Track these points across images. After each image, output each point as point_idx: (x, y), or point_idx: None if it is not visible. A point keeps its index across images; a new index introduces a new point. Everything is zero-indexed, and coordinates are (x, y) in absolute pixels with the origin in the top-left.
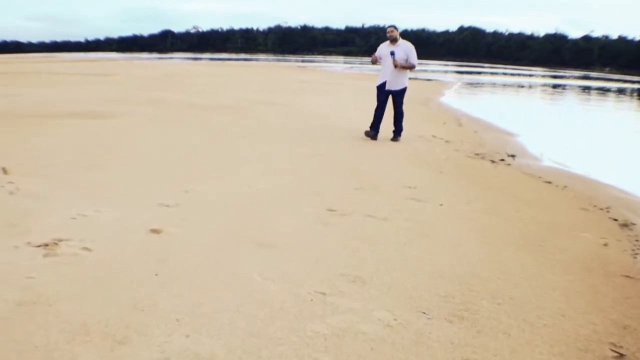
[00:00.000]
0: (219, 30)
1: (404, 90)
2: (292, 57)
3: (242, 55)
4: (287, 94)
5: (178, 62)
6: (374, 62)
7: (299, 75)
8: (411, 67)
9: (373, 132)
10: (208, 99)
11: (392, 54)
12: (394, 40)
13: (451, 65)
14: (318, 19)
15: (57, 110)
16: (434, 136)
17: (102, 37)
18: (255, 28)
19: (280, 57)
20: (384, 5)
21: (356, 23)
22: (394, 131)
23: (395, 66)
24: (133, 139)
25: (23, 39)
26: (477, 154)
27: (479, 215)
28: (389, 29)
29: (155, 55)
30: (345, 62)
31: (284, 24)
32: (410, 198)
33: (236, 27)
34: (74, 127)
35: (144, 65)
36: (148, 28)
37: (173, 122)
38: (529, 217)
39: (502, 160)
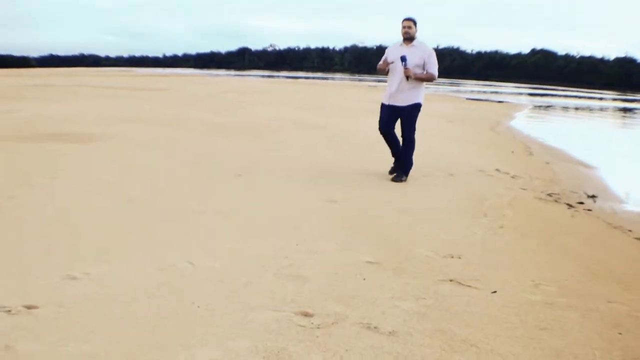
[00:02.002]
0: (296, 48)
1: (415, 109)
2: (367, 77)
3: (318, 74)
4: (338, 115)
5: (250, 79)
6: (383, 69)
7: (366, 95)
8: (429, 79)
9: (400, 173)
10: (239, 118)
11: (403, 59)
12: (408, 40)
13: (523, 88)
14: (393, 39)
15: (40, 131)
16: (497, 170)
17: (180, 53)
18: (331, 47)
19: (355, 77)
20: (457, 26)
21: (430, 44)
22: (398, 165)
23: (408, 78)
24: (76, 174)
25: (101, 52)
26: (549, 195)
27: (553, 313)
28: (404, 24)
29: (231, 72)
30: None
31: (360, 44)
32: (448, 279)
33: (312, 46)
34: (29, 153)
35: (209, 82)
36: (226, 45)
37: (162, 149)
38: (626, 313)
39: (581, 203)
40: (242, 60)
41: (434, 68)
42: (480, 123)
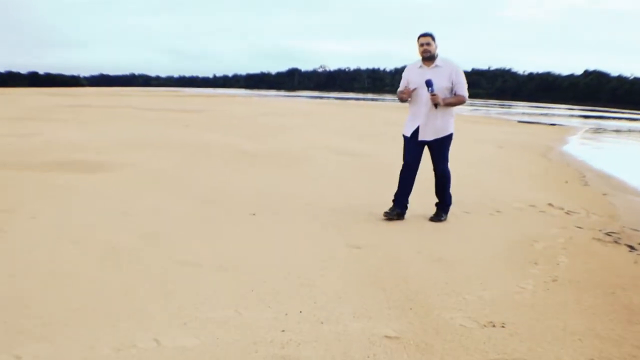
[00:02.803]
0: (346, 69)
1: (448, 140)
2: None
3: (369, 95)
4: (380, 141)
5: (296, 100)
6: (405, 98)
7: None
8: (460, 102)
9: (396, 209)
10: (270, 144)
11: (429, 84)
12: (429, 60)
13: (576, 110)
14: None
15: (48, 158)
16: (550, 204)
17: (230, 74)
18: (382, 68)
19: None
20: (509, 47)
21: (482, 65)
22: (437, 205)
23: (436, 105)
24: (62, 213)
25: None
26: (608, 234)
27: None
28: (421, 40)
29: (280, 93)
30: (470, 105)
31: None
32: None
33: (363, 67)
34: (23, 184)
35: (252, 102)
36: (276, 66)
37: (173, 181)
38: None
39: None
40: (292, 81)
41: (463, 88)
42: (532, 148)
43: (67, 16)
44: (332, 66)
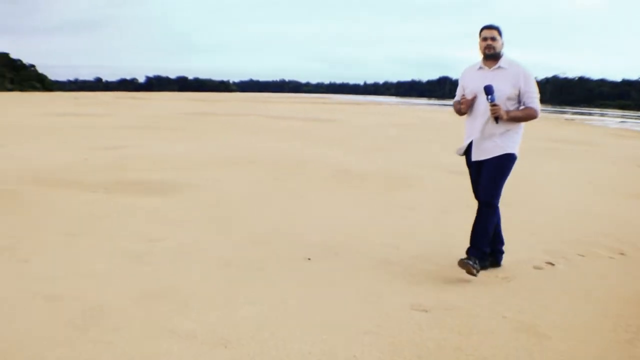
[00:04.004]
0: None
1: (505, 161)
2: (569, 109)
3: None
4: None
5: (443, 109)
6: (464, 109)
7: (555, 131)
8: (529, 117)
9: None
10: (375, 163)
11: (489, 91)
12: (491, 59)
13: None
14: (595, 71)
15: (119, 175)
16: None
17: (381, 81)
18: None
19: (556, 109)
20: None
21: (632, 76)
22: (469, 250)
23: (497, 118)
24: (70, 252)
25: (302, 79)
26: None
27: None
28: (484, 34)
29: (431, 101)
30: (621, 116)
31: (562, 75)
32: None
33: None
34: (70, 207)
35: (392, 112)
36: (427, 74)
37: (235, 210)
38: None
39: None
40: (442, 89)
41: (534, 100)
42: (625, 160)
43: (217, 22)
44: None
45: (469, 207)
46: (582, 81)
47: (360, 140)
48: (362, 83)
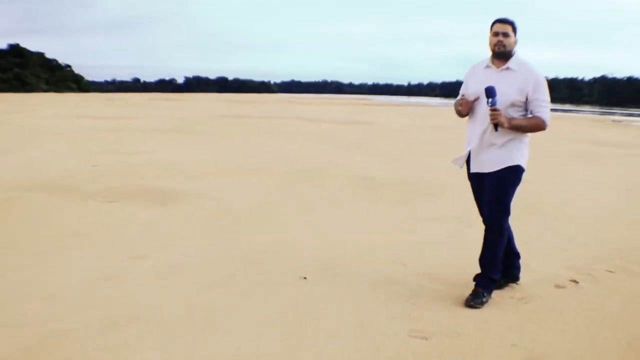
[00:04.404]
0: (545, 78)
1: (511, 175)
2: (616, 110)
3: (567, 106)
4: (539, 161)
5: None
6: (464, 112)
7: (597, 132)
8: (536, 128)
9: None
10: (406, 167)
11: (491, 93)
12: (501, 58)
13: None
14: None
15: (126, 183)
16: None
17: (425, 82)
18: (580, 78)
19: (604, 110)
20: None
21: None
22: (477, 277)
23: (497, 125)
24: (38, 273)
25: (345, 79)
26: None
27: None
28: (496, 28)
29: None
30: None
31: (610, 75)
32: None
33: (561, 76)
34: (60, 215)
35: (429, 114)
36: None
37: (228, 226)
38: None
39: None
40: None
41: (544, 109)
42: None
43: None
44: None
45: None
46: (632, 81)
47: (391, 144)
48: (405, 84)
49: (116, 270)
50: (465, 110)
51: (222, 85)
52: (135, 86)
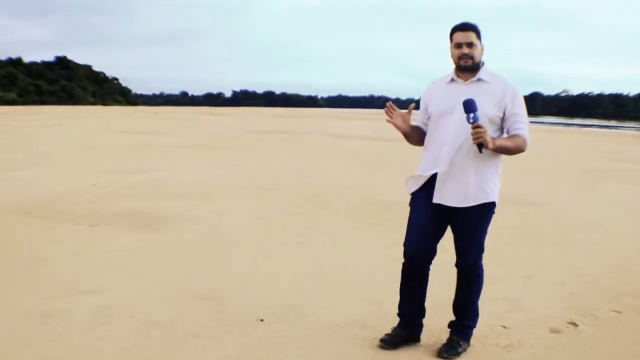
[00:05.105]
0: (589, 94)
1: (487, 212)
2: None
3: (612, 123)
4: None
5: (537, 128)
6: (413, 139)
7: (628, 148)
8: (517, 149)
9: (401, 331)
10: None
11: (471, 106)
12: (469, 71)
13: None
14: None
15: (118, 205)
16: None
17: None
18: (625, 93)
19: None
20: None
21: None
22: (452, 325)
23: (481, 147)
24: None
25: (392, 94)
26: None
27: None
28: (458, 37)
29: None
30: None
31: None
32: None
33: (606, 91)
34: (40, 239)
35: None
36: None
37: (203, 257)
38: None
39: None
40: (533, 105)
41: (523, 127)
42: None
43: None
44: (574, 90)
45: (507, 243)
46: None
47: (416, 162)
48: None
49: (53, 308)
50: (414, 138)
51: (269, 99)
52: (183, 100)
